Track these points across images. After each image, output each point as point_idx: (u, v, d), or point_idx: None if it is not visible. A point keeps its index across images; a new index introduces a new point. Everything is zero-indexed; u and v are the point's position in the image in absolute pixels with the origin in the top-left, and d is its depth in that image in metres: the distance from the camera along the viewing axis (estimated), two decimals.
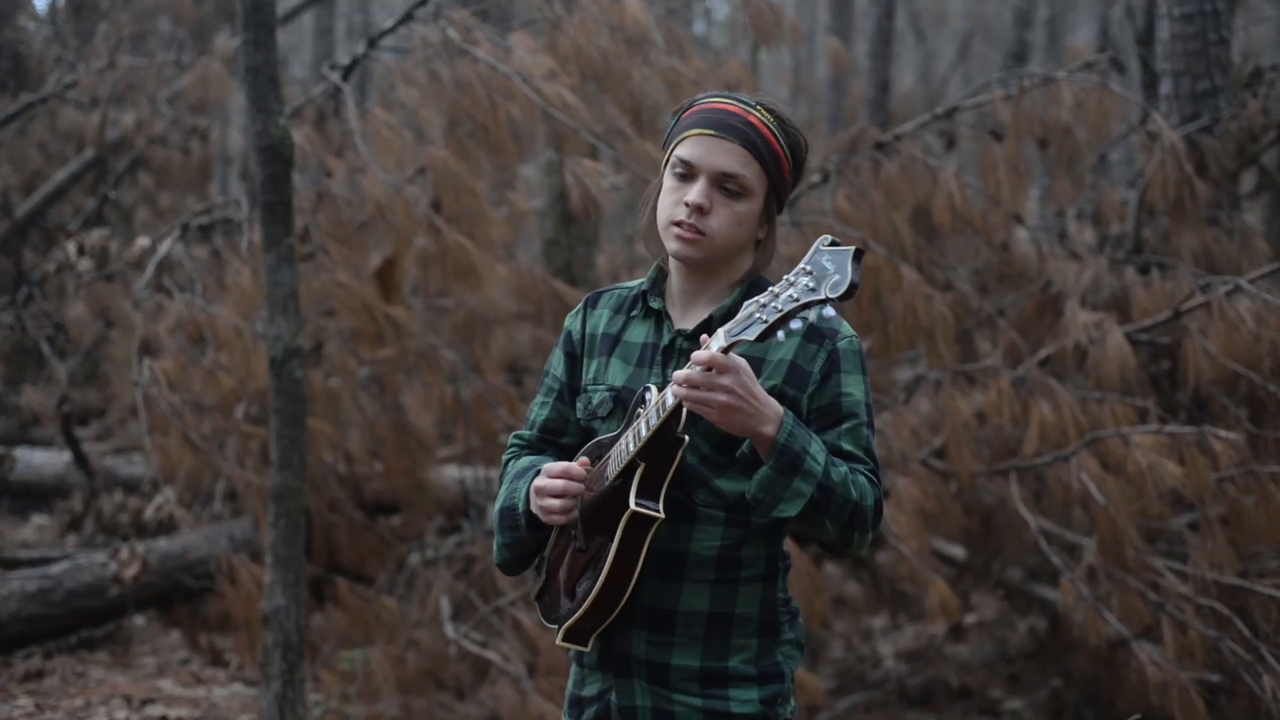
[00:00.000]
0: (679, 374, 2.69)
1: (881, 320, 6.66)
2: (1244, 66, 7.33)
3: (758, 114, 2.93)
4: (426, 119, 7.81)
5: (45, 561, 7.91)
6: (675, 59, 7.38)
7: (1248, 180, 7.84)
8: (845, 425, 2.91)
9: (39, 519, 9.96)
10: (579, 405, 3.11)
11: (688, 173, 2.93)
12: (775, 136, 2.93)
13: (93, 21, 12.92)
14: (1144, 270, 6.99)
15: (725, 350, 2.64)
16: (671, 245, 2.95)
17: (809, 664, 7.78)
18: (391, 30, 7.94)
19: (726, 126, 2.90)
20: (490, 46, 7.39)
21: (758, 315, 2.57)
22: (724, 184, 2.90)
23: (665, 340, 3.00)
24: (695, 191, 2.89)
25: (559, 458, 3.17)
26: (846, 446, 2.91)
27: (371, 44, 8.00)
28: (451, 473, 8.56)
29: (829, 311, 2.50)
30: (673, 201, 2.94)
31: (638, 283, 3.14)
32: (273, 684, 5.67)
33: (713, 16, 27.55)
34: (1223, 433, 5.77)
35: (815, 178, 7.34)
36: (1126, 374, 6.25)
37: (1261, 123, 6.98)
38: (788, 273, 2.59)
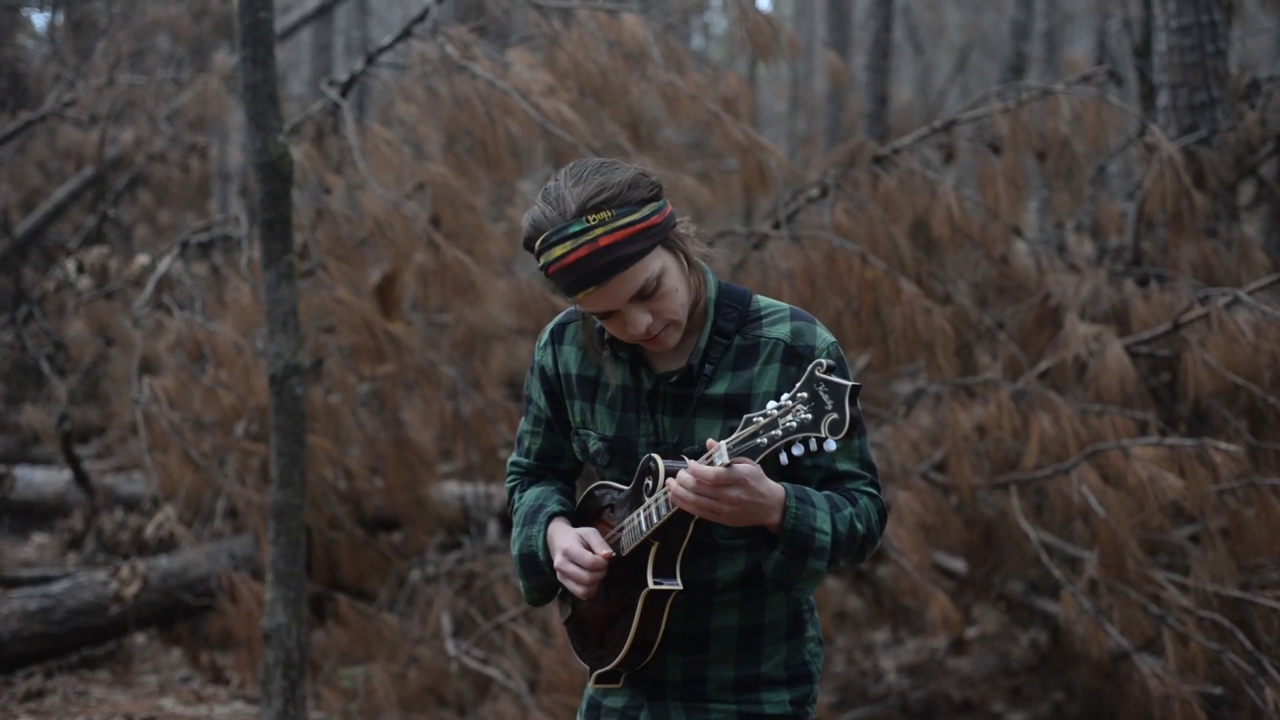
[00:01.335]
0: (686, 481, 2.67)
1: (881, 334, 6.66)
2: (1241, 78, 7.34)
3: (600, 229, 2.76)
4: (425, 135, 7.82)
5: (46, 580, 7.91)
6: (673, 74, 7.39)
7: (1246, 192, 7.83)
8: None
9: (39, 537, 9.96)
10: (575, 446, 3.13)
11: (609, 314, 2.86)
12: (628, 222, 2.79)
13: (91, 39, 12.95)
14: (1143, 282, 6.99)
15: (729, 465, 2.63)
16: (652, 349, 2.94)
17: None
18: (390, 47, 7.96)
19: (596, 274, 2.77)
20: (488, 63, 7.40)
21: (758, 438, 2.58)
22: (641, 294, 2.82)
23: (648, 385, 2.98)
24: (630, 322, 2.83)
25: (562, 481, 3.24)
26: (843, 466, 2.92)
27: (370, 60, 8.01)
28: (452, 489, 8.57)
29: (830, 446, 2.50)
30: (618, 330, 2.88)
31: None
32: (274, 702, 5.66)
33: (711, 31, 27.60)
34: (1223, 445, 5.76)
35: (814, 192, 7.34)
36: (1126, 386, 6.25)
37: (1259, 134, 6.98)
38: (786, 393, 2.59)
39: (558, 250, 2.78)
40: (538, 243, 2.82)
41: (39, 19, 15.04)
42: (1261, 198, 7.81)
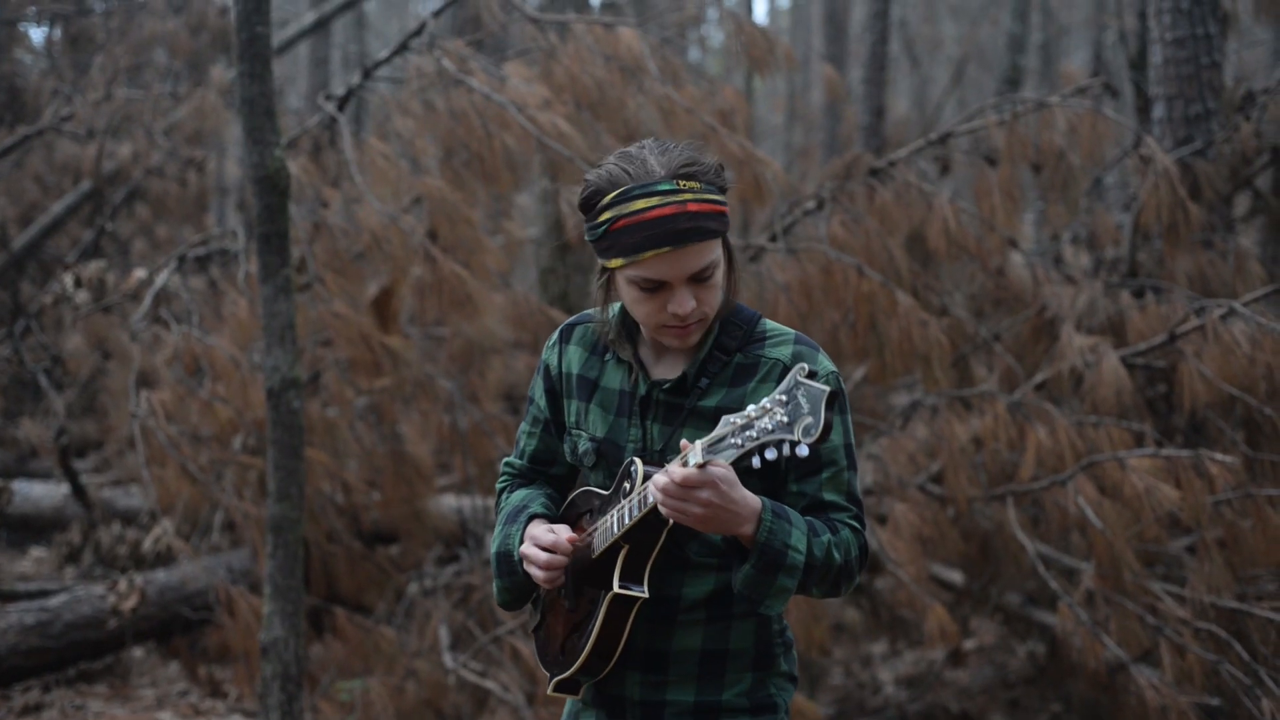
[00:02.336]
0: (659, 481, 2.65)
1: (877, 346, 6.67)
2: (1236, 90, 7.36)
3: (689, 194, 2.76)
4: (422, 149, 7.83)
5: (43, 594, 7.90)
6: (669, 87, 7.41)
7: (1241, 203, 7.85)
8: (825, 474, 2.90)
9: (37, 551, 9.95)
10: (565, 446, 3.12)
11: (657, 287, 2.83)
12: (713, 199, 2.80)
13: (89, 54, 12.97)
14: (1139, 294, 7.01)
15: (702, 466, 2.61)
16: (669, 342, 2.91)
17: (809, 691, 7.77)
18: (387, 61, 7.97)
19: (678, 235, 2.74)
20: (485, 76, 7.41)
21: (733, 439, 2.55)
22: (700, 276, 2.81)
23: (642, 390, 2.97)
24: (678, 301, 2.81)
25: (551, 487, 3.23)
26: (828, 497, 2.89)
27: (367, 74, 8.02)
28: (449, 502, 8.57)
29: (802, 451, 2.46)
30: (652, 310, 2.85)
31: (613, 312, 3.06)
32: (271, 715, 5.66)
33: (707, 44, 27.61)
34: (1219, 456, 5.77)
35: (811, 204, 7.36)
36: (1122, 398, 6.26)
37: (1254, 146, 7.00)
38: (766, 397, 2.57)
39: (640, 204, 2.75)
40: (611, 195, 2.78)
41: (36, 34, 15.07)
42: (1257, 209, 7.83)
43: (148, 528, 8.03)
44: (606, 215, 2.79)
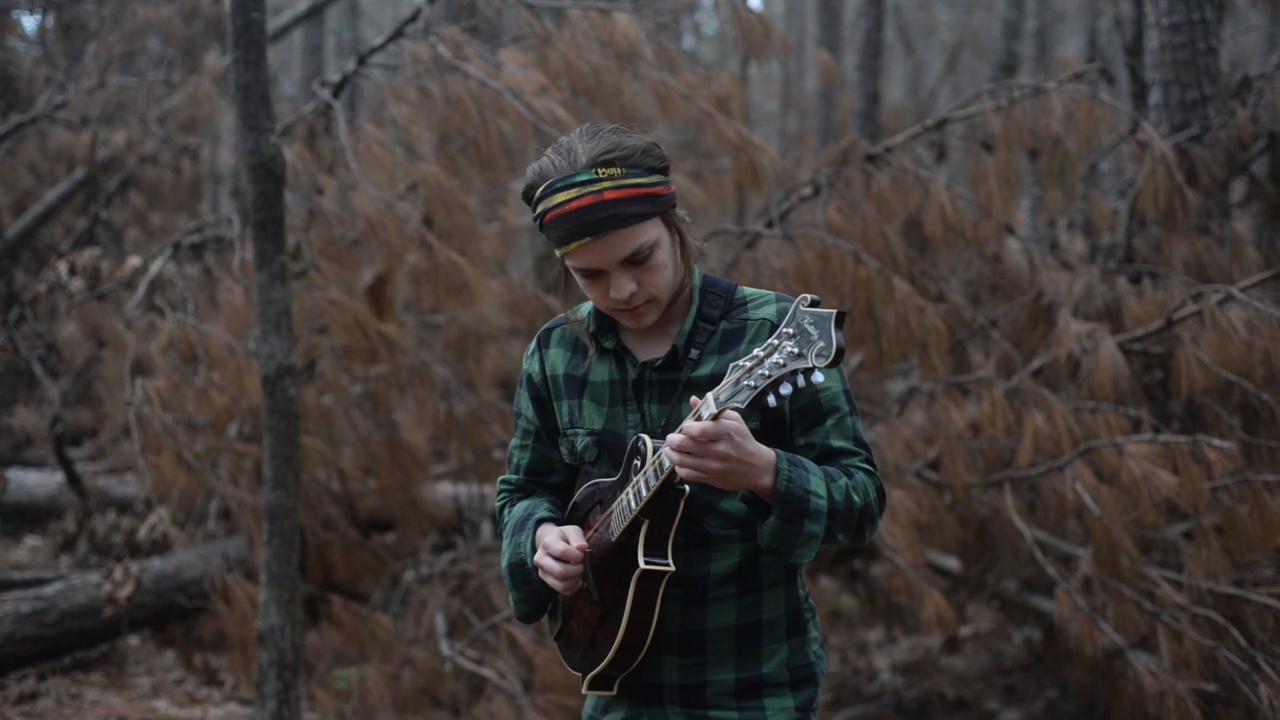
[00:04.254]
0: (674, 440, 2.64)
1: (874, 332, 6.66)
2: (1233, 75, 7.35)
3: (607, 182, 2.77)
4: (417, 135, 7.81)
5: (39, 583, 7.89)
6: (665, 73, 7.39)
7: (1238, 189, 7.83)
8: (830, 421, 2.90)
9: (32, 540, 9.94)
10: (563, 449, 3.10)
11: (595, 274, 2.85)
12: (635, 183, 2.80)
13: (82, 41, 12.95)
14: (1136, 280, 6.99)
15: (715, 416, 2.60)
16: (626, 323, 2.93)
17: None
18: (381, 47, 7.95)
19: (596, 225, 2.76)
20: (480, 63, 7.39)
21: (745, 381, 2.53)
22: (633, 259, 2.82)
23: (633, 375, 2.97)
24: (615, 286, 2.83)
25: (552, 497, 3.20)
26: (836, 443, 2.90)
27: (361, 61, 8.00)
28: (445, 489, 8.56)
29: (818, 378, 2.45)
30: (599, 295, 2.88)
31: (585, 309, 3.07)
32: (268, 703, 5.65)
33: (702, 31, 27.58)
34: (1216, 441, 5.76)
35: (807, 190, 7.34)
36: (1120, 384, 6.24)
37: (1251, 131, 6.99)
38: (775, 324, 2.59)
39: (560, 197, 2.78)
40: (540, 189, 2.82)
41: (29, 21, 15.05)
42: (1253, 195, 7.81)
43: (143, 516, 8.01)
44: (539, 209, 2.83)
